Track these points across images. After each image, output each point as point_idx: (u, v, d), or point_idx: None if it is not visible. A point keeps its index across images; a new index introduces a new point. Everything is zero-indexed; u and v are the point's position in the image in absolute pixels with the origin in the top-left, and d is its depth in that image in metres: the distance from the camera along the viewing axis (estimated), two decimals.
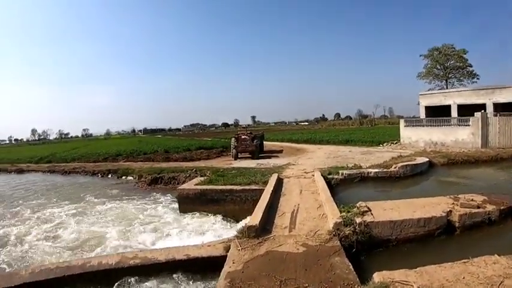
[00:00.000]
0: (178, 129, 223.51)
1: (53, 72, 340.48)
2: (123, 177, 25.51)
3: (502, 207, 10.08)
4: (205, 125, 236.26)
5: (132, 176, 24.64)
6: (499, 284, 5.45)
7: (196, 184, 15.79)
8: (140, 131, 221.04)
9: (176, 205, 15.41)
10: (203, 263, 7.74)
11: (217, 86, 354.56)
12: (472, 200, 10.39)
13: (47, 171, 33.18)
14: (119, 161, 34.09)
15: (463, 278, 5.73)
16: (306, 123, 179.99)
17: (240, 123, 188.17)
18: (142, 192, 19.88)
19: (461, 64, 57.86)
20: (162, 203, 16.96)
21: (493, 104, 29.96)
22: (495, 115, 27.13)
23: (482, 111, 27.72)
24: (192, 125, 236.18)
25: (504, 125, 26.25)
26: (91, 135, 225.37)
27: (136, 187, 21.73)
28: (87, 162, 34.68)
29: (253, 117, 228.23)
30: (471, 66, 58.08)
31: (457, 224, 9.21)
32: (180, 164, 26.61)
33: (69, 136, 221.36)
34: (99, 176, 27.68)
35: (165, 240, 11.29)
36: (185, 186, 15.89)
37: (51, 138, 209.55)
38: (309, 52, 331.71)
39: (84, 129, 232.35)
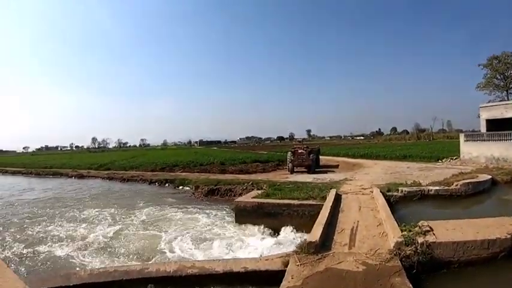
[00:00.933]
0: (234, 142, 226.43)
1: (114, 84, 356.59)
2: (180, 187, 26.31)
3: None
4: (260, 138, 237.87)
5: (189, 187, 25.35)
6: None
7: (254, 197, 16.00)
8: (196, 142, 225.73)
9: (232, 217, 15.69)
10: (261, 277, 7.87)
11: (274, 100, 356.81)
12: None
13: (106, 178, 34.91)
14: (175, 171, 35.03)
15: None
16: (362, 138, 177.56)
17: (295, 137, 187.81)
18: (199, 203, 20.35)
19: None
20: (218, 214, 17.30)
21: None
22: None
23: None
24: (248, 138, 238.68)
25: None
26: (148, 145, 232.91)
27: (193, 197, 22.29)
28: (145, 171, 36.06)
29: (309, 131, 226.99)
30: None
31: None
32: (236, 176, 27.03)
33: (127, 145, 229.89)
34: (157, 184, 28.70)
35: (222, 251, 11.57)
36: (242, 198, 16.15)
37: (110, 146, 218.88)
38: (364, 65, 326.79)
39: (142, 139, 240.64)
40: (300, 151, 27.76)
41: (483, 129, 33.57)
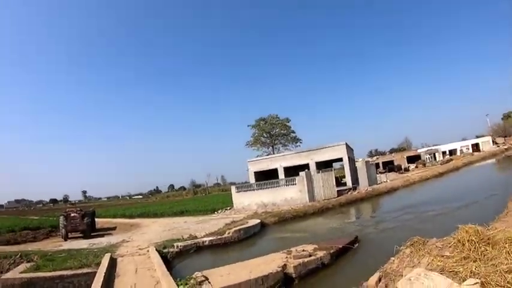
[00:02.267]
0: (1, 206, 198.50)
1: None
2: None
3: (331, 251, 11.41)
4: (31, 201, 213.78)
5: None
6: None
7: (22, 272, 13.92)
8: None
9: None
10: None
11: (44, 157, 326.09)
12: (303, 250, 11.36)
13: None
14: None
15: None
16: (140, 197, 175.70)
17: (69, 199, 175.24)
18: None
19: (285, 131, 63.89)
20: None
21: (315, 162, 33.76)
22: (318, 172, 30.42)
23: (306, 170, 30.76)
24: (17, 201, 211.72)
25: (326, 180, 29.58)
26: None
27: None
28: None
29: (84, 192, 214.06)
30: (294, 132, 64.59)
31: (293, 275, 9.94)
32: (3, 248, 23.35)
33: None
34: None
35: None
36: (9, 275, 13.90)
37: None
38: (141, 123, 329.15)
39: None
40: (72, 215, 25.76)
41: (252, 180, 37.12)
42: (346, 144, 34.92)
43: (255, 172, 38.23)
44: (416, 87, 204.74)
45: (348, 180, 35.03)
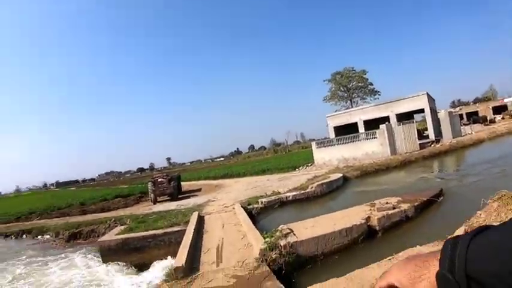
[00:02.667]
0: (93, 179, 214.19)
1: None
2: (39, 236, 23.69)
3: (415, 204, 10.95)
4: (120, 172, 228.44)
5: (49, 234, 22.93)
6: None
7: (117, 234, 14.92)
8: (52, 184, 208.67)
9: (98, 258, 14.44)
10: None
11: (131, 130, 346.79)
12: (387, 203, 10.99)
13: None
14: (32, 219, 31.31)
15: None
16: (222, 159, 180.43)
17: (155, 167, 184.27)
18: (62, 250, 18.34)
19: (362, 84, 61.92)
20: (83, 258, 15.70)
21: (396, 115, 32.37)
22: (398, 124, 29.20)
23: (387, 123, 29.64)
24: (107, 173, 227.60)
25: (408, 132, 28.29)
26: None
27: (54, 245, 20.14)
28: None
29: (169, 159, 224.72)
30: (372, 84, 62.40)
31: (377, 228, 9.71)
32: (98, 215, 25.23)
33: None
34: (13, 237, 25.47)
35: None
36: (106, 237, 15.00)
37: None
38: (221, 87, 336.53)
39: None
40: (160, 180, 27.13)
41: (332, 135, 36.59)
42: (427, 94, 33.03)
43: (334, 127, 37.66)
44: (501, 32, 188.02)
45: (430, 132, 33.44)
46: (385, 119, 33.03)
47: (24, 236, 24.87)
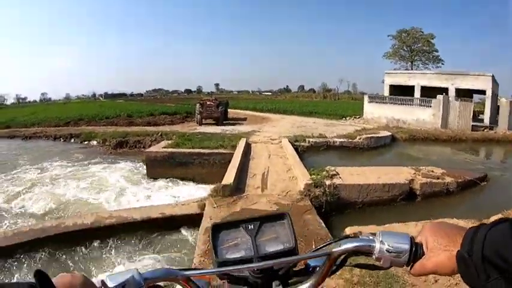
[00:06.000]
0: (141, 94, 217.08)
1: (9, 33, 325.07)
2: (86, 141, 24.84)
3: (459, 180, 10.76)
4: (167, 90, 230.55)
5: (96, 140, 24.02)
6: None
7: (164, 147, 15.55)
8: (101, 95, 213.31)
9: (143, 168, 15.19)
10: (179, 221, 7.84)
11: (181, 52, 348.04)
12: (432, 171, 10.96)
13: (6, 137, 31.77)
14: (80, 125, 32.67)
15: None
16: (270, 94, 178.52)
17: (203, 90, 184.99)
18: (108, 156, 19.40)
19: (427, 48, 59.08)
20: (129, 165, 16.56)
21: (455, 89, 31.09)
22: (456, 99, 28.15)
23: (444, 94, 28.64)
24: (155, 91, 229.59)
25: (464, 110, 27.31)
26: (50, 99, 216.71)
27: (102, 151, 21.19)
28: (48, 127, 33.26)
29: (217, 85, 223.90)
30: (437, 51, 59.48)
31: (418, 192, 9.77)
32: (144, 128, 26.11)
33: (27, 101, 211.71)
34: (62, 140, 26.68)
35: (138, 201, 11.14)
36: (153, 149, 15.70)
37: (7, 103, 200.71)
38: (275, 23, 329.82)
39: (42, 93, 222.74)
40: (208, 103, 27.42)
41: (386, 92, 35.62)
42: (492, 76, 31.30)
43: (390, 85, 36.54)
44: None
45: (486, 117, 31.90)
46: (443, 90, 31.65)
47: (72, 140, 25.99)
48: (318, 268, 0.98)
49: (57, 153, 20.75)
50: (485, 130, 27.89)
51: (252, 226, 1.04)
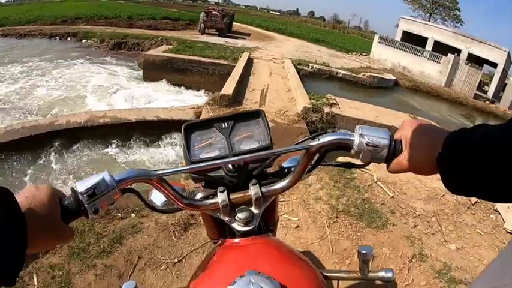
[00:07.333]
0: None
1: None
2: (83, 40, 23.97)
3: None
4: None
5: (93, 40, 23.27)
6: None
7: (164, 51, 15.24)
8: None
9: (140, 71, 15.06)
10: (173, 126, 7.71)
11: None
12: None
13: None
14: (78, 24, 31.40)
15: None
16: (278, 14, 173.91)
17: (209, 0, 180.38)
18: (106, 56, 18.96)
19: (450, 5, 57.22)
20: (126, 66, 16.37)
21: (468, 53, 30.42)
22: (466, 63, 27.68)
23: (456, 54, 28.08)
24: None
25: (471, 76, 26.94)
26: None
27: (99, 50, 20.72)
28: (43, 25, 31.94)
29: None
30: (459, 10, 57.66)
31: None
32: (145, 31, 25.46)
33: None
34: (57, 38, 25.60)
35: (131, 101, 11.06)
36: (152, 52, 15.32)
37: (2, 1, 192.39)
38: None
39: None
40: (214, 12, 26.44)
41: (398, 37, 34.93)
42: (508, 53, 30.59)
43: (403, 31, 35.74)
44: None
45: (491, 90, 31.37)
46: (456, 51, 31.08)
47: (68, 39, 25.06)
48: (293, 169, 0.98)
49: (53, 51, 20.14)
50: (486, 102, 27.79)
51: (226, 125, 1.04)
